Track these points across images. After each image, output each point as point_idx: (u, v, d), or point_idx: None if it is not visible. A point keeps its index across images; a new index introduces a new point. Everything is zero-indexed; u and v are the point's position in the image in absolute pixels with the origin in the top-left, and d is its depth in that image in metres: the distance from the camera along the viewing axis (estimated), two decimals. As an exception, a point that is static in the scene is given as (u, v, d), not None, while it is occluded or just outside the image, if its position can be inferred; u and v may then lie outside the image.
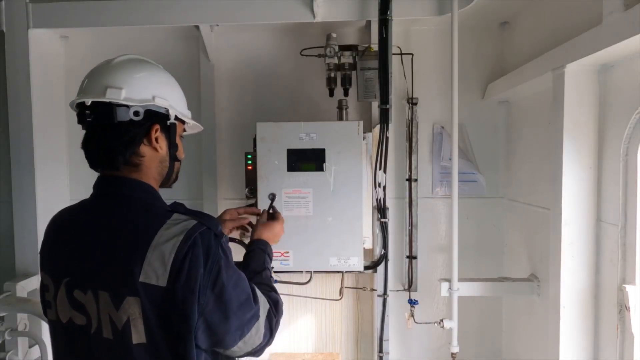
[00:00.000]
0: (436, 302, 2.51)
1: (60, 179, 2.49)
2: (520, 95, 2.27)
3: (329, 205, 2.05)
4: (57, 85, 2.47)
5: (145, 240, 0.99)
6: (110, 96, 1.06)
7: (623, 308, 1.46)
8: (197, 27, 2.23)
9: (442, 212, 2.50)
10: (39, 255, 1.15)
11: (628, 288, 1.43)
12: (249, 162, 2.16)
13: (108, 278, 1.00)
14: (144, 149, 1.10)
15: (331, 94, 2.30)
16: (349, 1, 2.15)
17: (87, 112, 1.07)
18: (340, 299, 2.32)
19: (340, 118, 2.26)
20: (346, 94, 2.28)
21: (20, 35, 2.20)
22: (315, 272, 2.15)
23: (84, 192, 1.15)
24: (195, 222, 1.02)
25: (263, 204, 2.02)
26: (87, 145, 1.11)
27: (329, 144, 2.05)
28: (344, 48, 2.22)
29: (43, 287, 1.13)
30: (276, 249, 2.04)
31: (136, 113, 1.07)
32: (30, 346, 2.23)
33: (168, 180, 1.19)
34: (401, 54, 2.31)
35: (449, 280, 2.10)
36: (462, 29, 2.08)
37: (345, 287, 2.35)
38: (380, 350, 2.27)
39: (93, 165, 1.12)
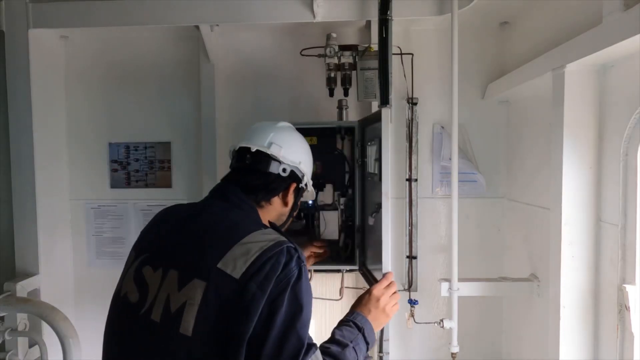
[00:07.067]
0: (436, 302, 2.51)
1: (60, 179, 2.47)
2: (520, 95, 2.27)
3: (329, 205, 2.05)
4: (57, 85, 2.46)
5: (237, 235, 1.06)
6: (272, 151, 1.30)
7: (623, 308, 1.46)
8: (197, 27, 2.23)
9: (442, 212, 2.50)
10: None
11: (628, 288, 1.43)
12: (249, 162, 2.17)
13: (184, 258, 1.05)
14: (276, 199, 1.31)
15: (331, 94, 2.30)
16: (349, 1, 2.15)
17: (247, 155, 1.29)
18: (340, 298, 2.32)
19: (340, 118, 2.25)
20: (346, 93, 2.28)
21: (20, 35, 2.20)
22: (315, 271, 2.15)
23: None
24: (286, 239, 1.10)
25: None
26: (235, 175, 1.32)
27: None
28: (344, 48, 2.22)
29: (127, 263, 1.19)
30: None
31: (284, 170, 1.31)
32: (30, 346, 2.23)
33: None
34: (401, 54, 2.31)
35: (449, 280, 2.10)
36: (462, 29, 2.08)
37: (345, 287, 2.35)
38: (380, 350, 2.27)
39: (229, 179, 1.32)
